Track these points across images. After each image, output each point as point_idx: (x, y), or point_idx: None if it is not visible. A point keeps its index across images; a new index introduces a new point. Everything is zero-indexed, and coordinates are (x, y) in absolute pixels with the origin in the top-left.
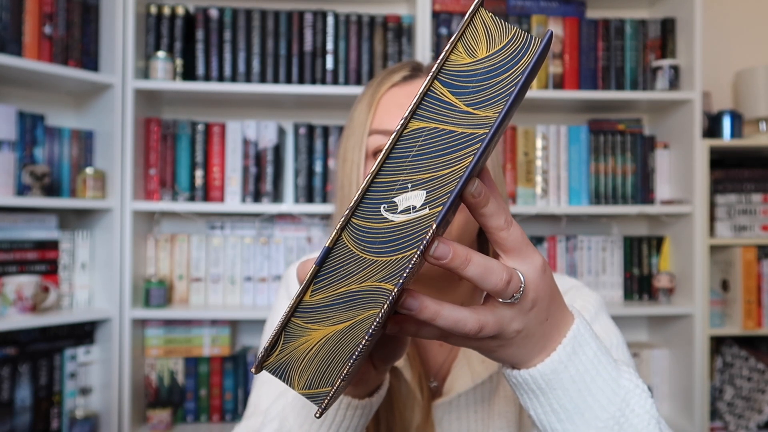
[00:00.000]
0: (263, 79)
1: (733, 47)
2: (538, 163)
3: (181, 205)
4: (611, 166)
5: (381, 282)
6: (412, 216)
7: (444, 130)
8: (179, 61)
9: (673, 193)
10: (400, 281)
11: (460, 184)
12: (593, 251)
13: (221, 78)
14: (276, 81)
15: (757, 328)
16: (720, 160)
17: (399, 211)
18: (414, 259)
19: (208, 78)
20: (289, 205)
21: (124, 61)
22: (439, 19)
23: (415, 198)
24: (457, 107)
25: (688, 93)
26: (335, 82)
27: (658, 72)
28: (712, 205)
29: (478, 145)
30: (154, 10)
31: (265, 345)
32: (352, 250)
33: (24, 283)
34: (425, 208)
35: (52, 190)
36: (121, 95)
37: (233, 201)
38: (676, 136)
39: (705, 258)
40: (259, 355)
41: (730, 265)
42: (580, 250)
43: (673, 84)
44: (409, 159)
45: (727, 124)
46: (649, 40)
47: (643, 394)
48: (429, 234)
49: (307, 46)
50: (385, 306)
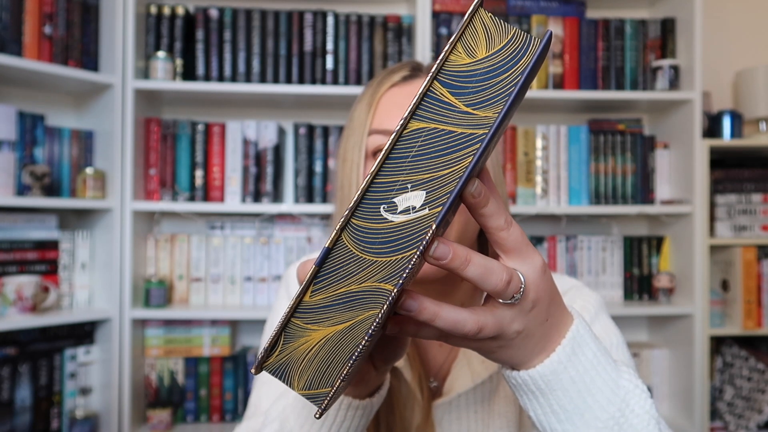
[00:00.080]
0: (263, 79)
1: (733, 47)
2: (538, 163)
3: (181, 205)
4: (611, 166)
5: (381, 282)
6: (412, 216)
7: (443, 130)
8: (179, 61)
9: (673, 193)
10: (400, 282)
11: (460, 184)
12: (593, 251)
13: (221, 78)
14: (276, 81)
15: (757, 328)
16: (720, 160)
17: (399, 211)
18: (414, 259)
19: (208, 78)
20: (289, 205)
21: (124, 61)
22: (439, 19)
23: (414, 198)
24: (456, 107)
25: (688, 93)
26: (335, 82)
27: (658, 72)
28: (712, 205)
29: (477, 146)
30: (154, 10)
31: (265, 346)
32: (352, 251)
33: (24, 283)
34: (425, 209)
35: (52, 190)
36: (121, 95)
37: (233, 201)
38: (676, 136)
39: (705, 258)
40: (258, 356)
41: (730, 265)
42: (580, 250)
43: (673, 84)
44: (408, 159)
45: (727, 124)
46: (649, 40)
47: (643, 395)
48: (429, 234)
49: (307, 46)
50: (384, 306)
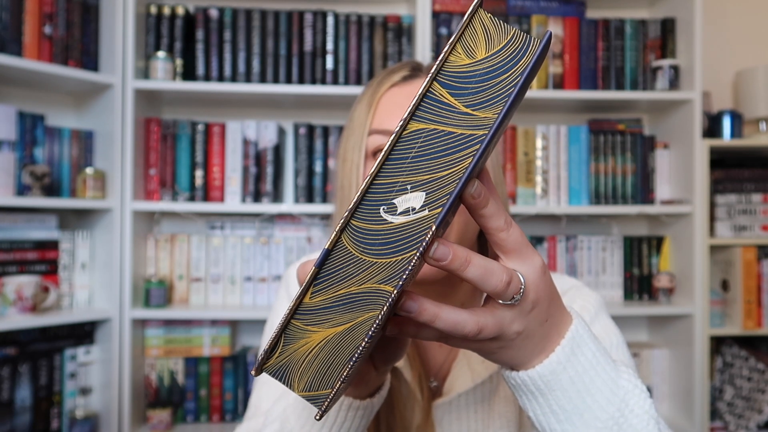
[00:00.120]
0: (263, 79)
1: (733, 47)
2: (538, 163)
3: (181, 205)
4: (611, 166)
5: (380, 284)
6: (412, 217)
7: (443, 131)
8: (179, 61)
9: (673, 193)
10: (400, 283)
11: (460, 185)
12: (593, 251)
13: (221, 78)
14: (276, 81)
15: (757, 328)
16: (720, 160)
17: (398, 212)
18: (413, 260)
19: (208, 78)
20: (289, 205)
21: (124, 61)
22: (439, 19)
23: (414, 199)
24: (456, 108)
25: (688, 93)
26: (335, 82)
27: (658, 72)
28: (712, 205)
29: (477, 147)
30: (154, 10)
31: (265, 347)
32: (352, 252)
33: (24, 283)
34: (425, 210)
35: (52, 190)
36: (121, 95)
37: (233, 201)
38: (676, 136)
39: (705, 258)
40: (259, 358)
41: (730, 265)
42: (580, 250)
43: (673, 84)
44: (408, 160)
45: (727, 124)
46: (649, 40)
47: (642, 395)
48: (428, 235)
49: (307, 46)
50: (384, 308)
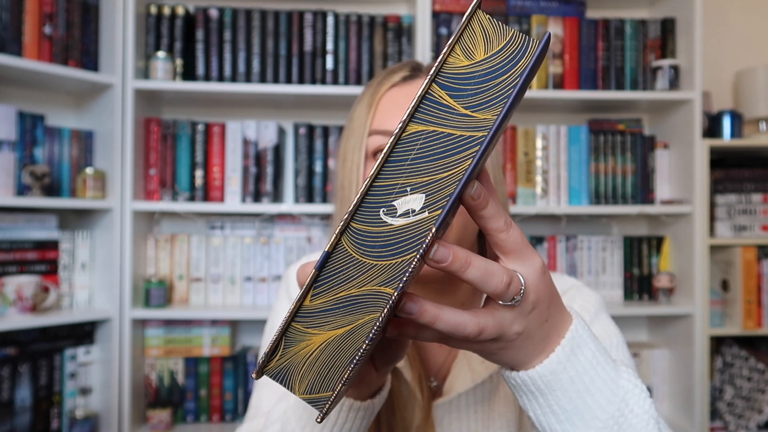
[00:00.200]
0: (263, 79)
1: (733, 47)
2: (538, 163)
3: (181, 205)
4: (611, 166)
5: (381, 286)
6: (412, 219)
7: (442, 133)
8: (179, 61)
9: (673, 193)
10: (400, 285)
11: (460, 186)
12: (593, 251)
13: (221, 78)
14: (276, 81)
15: (757, 328)
16: (720, 160)
17: (398, 214)
18: (414, 262)
19: (208, 78)
20: (289, 205)
21: (124, 61)
22: (439, 19)
23: (414, 201)
24: (455, 110)
25: (688, 93)
26: (335, 82)
27: (658, 72)
28: (712, 205)
29: (477, 148)
30: (154, 10)
31: (266, 350)
32: (352, 254)
33: (24, 283)
34: (424, 212)
35: (52, 190)
36: (121, 95)
37: (233, 201)
38: (676, 136)
39: (705, 258)
40: (259, 361)
41: (730, 265)
42: (580, 250)
43: (673, 84)
44: (407, 162)
45: (727, 124)
46: (649, 40)
47: (642, 394)
48: (428, 237)
49: (307, 46)
50: (385, 310)
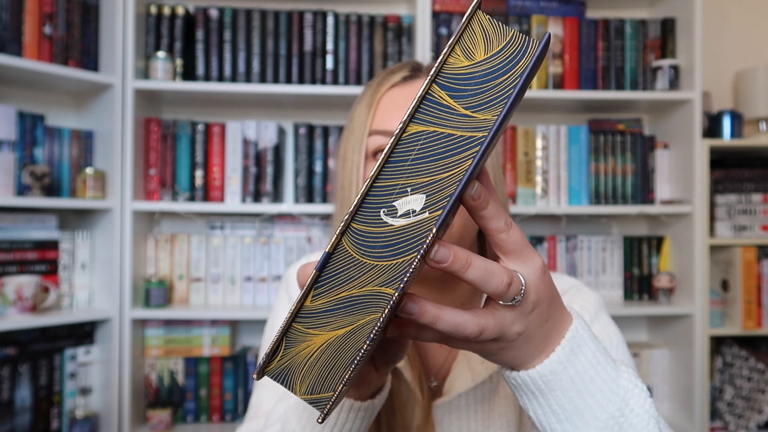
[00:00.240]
0: (263, 79)
1: (733, 47)
2: (538, 163)
3: (181, 205)
4: (611, 166)
5: (382, 286)
6: (412, 220)
7: (443, 133)
8: (179, 61)
9: (673, 193)
10: (401, 285)
11: (460, 187)
12: (593, 251)
13: (221, 78)
14: (276, 81)
15: (757, 328)
16: (720, 160)
17: (399, 215)
18: (414, 263)
19: (208, 78)
20: (289, 205)
21: (124, 61)
22: (439, 19)
23: (414, 202)
24: (455, 110)
25: (688, 93)
26: (335, 82)
27: (658, 72)
28: (712, 205)
29: (477, 148)
30: (154, 10)
31: (267, 351)
32: (353, 255)
33: (24, 283)
34: (425, 212)
35: (52, 190)
36: (121, 95)
37: (233, 201)
38: (676, 136)
39: (705, 258)
40: (260, 361)
41: (730, 265)
42: (580, 250)
43: (673, 84)
44: (408, 163)
45: (727, 124)
46: (649, 40)
47: (642, 394)
48: (429, 238)
49: (307, 46)
50: (386, 310)
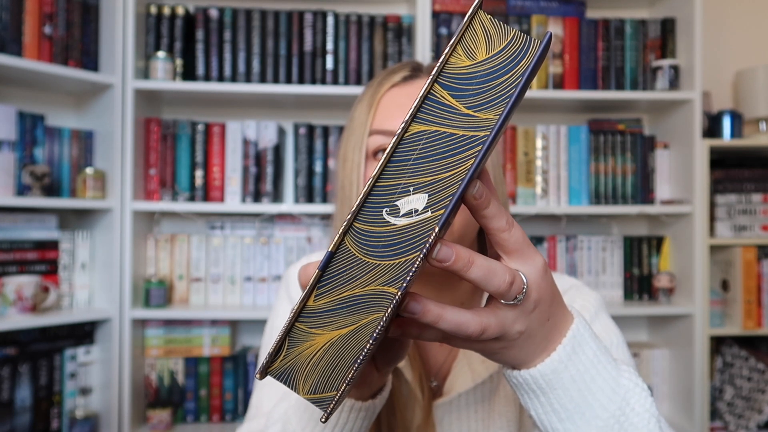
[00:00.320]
0: (263, 79)
1: (733, 47)
2: (538, 163)
3: (181, 205)
4: (611, 166)
5: (384, 286)
6: (415, 219)
7: (445, 133)
8: (179, 61)
9: (673, 193)
10: (404, 285)
11: (462, 186)
12: (593, 251)
13: (221, 78)
14: (276, 81)
15: (757, 328)
16: (720, 160)
17: (401, 214)
18: (417, 262)
19: (208, 78)
20: (289, 205)
21: (124, 61)
22: (439, 19)
23: (417, 201)
24: (457, 110)
25: (688, 93)
26: (335, 82)
27: (658, 72)
28: (712, 205)
29: (479, 148)
30: (154, 10)
31: (270, 350)
32: (355, 254)
33: (24, 283)
34: (427, 212)
35: (52, 190)
36: (121, 95)
37: (233, 201)
38: (676, 136)
39: (705, 258)
40: (263, 361)
41: (730, 265)
42: (580, 250)
43: (673, 84)
44: (410, 162)
45: (727, 124)
46: (649, 40)
47: (643, 393)
48: (431, 237)
49: (307, 46)
50: (388, 310)
